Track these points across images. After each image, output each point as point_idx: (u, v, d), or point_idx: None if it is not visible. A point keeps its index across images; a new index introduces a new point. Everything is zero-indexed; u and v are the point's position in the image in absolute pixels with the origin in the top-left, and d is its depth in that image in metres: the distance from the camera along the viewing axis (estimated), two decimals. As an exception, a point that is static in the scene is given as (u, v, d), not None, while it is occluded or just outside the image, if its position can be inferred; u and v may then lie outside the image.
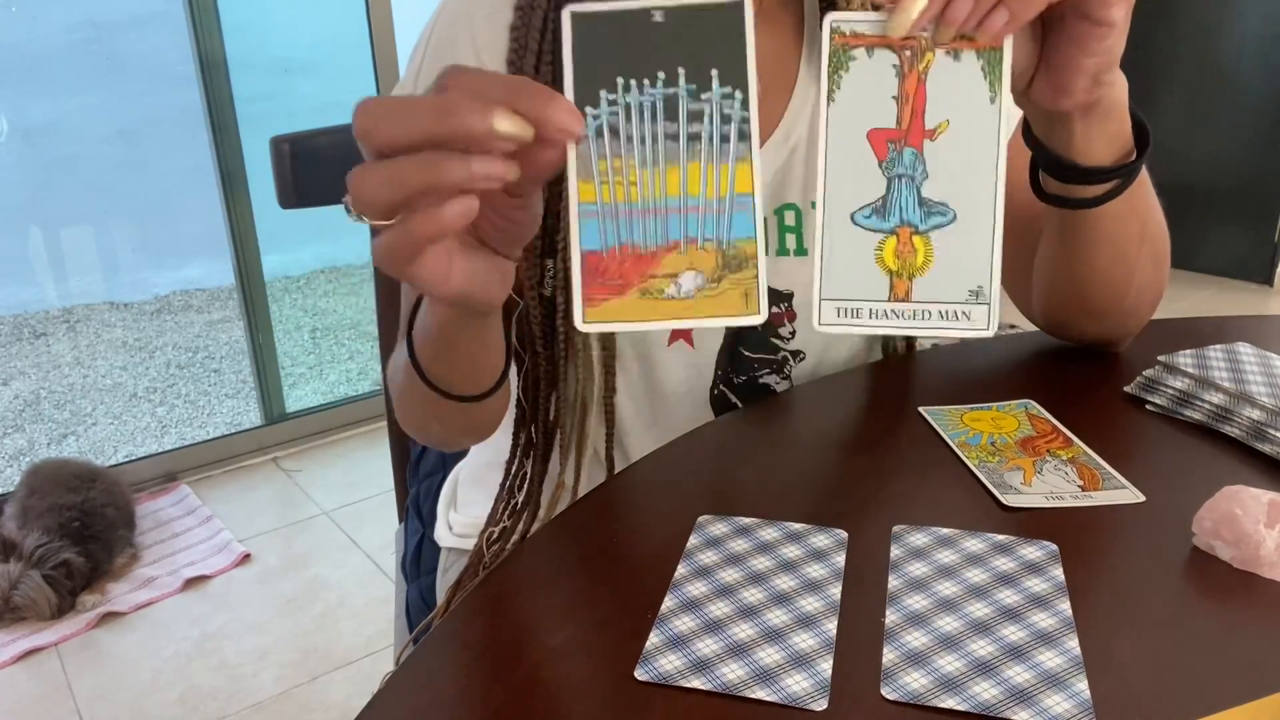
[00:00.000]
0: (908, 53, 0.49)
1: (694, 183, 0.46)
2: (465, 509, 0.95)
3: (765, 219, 0.79)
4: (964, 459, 0.66)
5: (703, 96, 0.45)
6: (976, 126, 0.49)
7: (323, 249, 3.73)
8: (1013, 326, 1.02)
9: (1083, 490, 0.62)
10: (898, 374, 0.83)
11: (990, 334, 0.49)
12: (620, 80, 0.44)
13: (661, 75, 0.45)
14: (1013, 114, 0.74)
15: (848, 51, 0.49)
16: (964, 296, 0.49)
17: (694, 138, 0.45)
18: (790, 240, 0.81)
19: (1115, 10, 0.52)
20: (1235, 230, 3.60)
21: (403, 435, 1.12)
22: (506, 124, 0.40)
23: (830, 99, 0.49)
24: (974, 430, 0.70)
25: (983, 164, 0.49)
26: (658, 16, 0.44)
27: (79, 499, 2.05)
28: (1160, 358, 0.75)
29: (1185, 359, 0.74)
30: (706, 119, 0.45)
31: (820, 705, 0.46)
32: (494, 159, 0.40)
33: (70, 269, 3.18)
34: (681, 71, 0.45)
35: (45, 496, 2.04)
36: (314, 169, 1.02)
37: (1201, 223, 3.67)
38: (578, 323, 0.46)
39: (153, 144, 3.19)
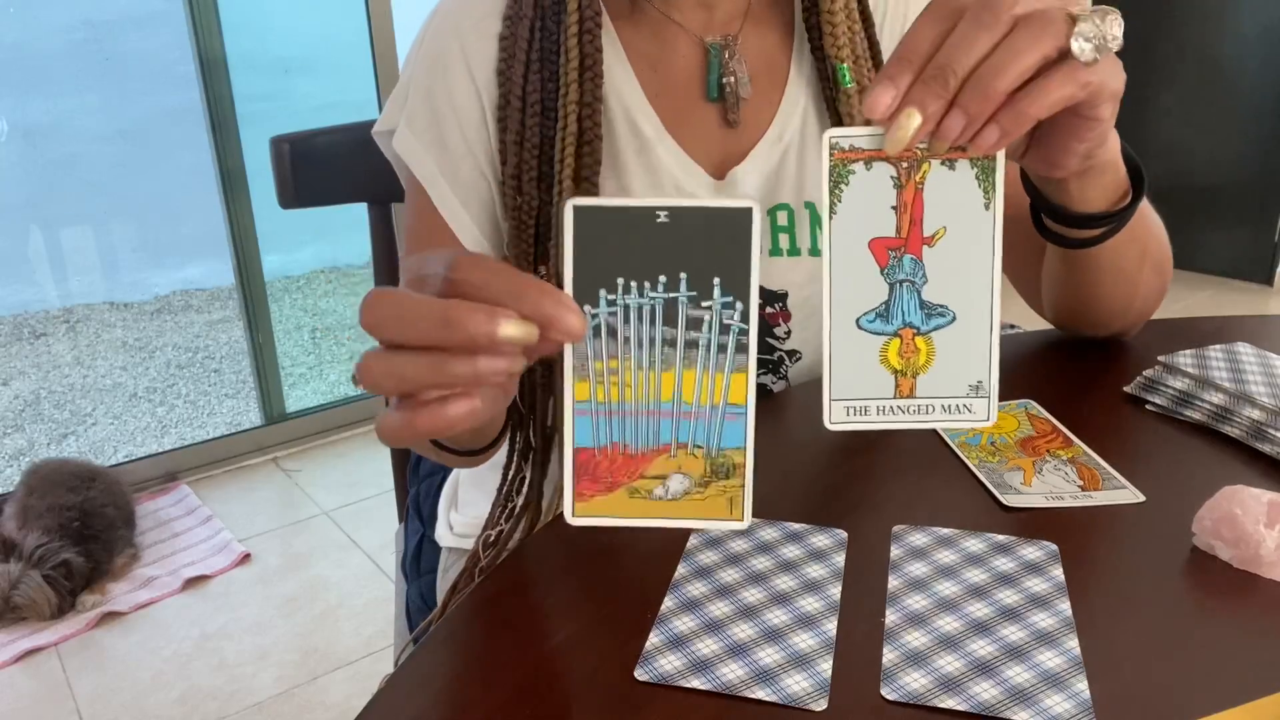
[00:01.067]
0: (904, 165, 0.50)
1: (688, 389, 0.46)
2: (466, 509, 0.95)
3: (761, 229, 0.80)
4: (964, 459, 0.66)
5: (703, 304, 0.45)
6: (972, 231, 0.50)
7: (323, 249, 3.73)
8: (1013, 326, 1.02)
9: (1083, 490, 0.62)
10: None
11: (990, 424, 0.52)
12: (620, 280, 0.45)
13: (663, 279, 0.45)
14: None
15: (847, 166, 0.50)
16: (965, 391, 0.52)
17: (691, 344, 0.45)
18: (784, 240, 0.81)
19: (1103, 110, 0.53)
20: (1235, 230, 3.60)
21: (403, 435, 1.12)
22: (512, 330, 0.40)
23: (832, 211, 0.50)
24: (974, 430, 0.70)
25: (979, 267, 0.51)
26: (662, 216, 0.44)
27: (79, 499, 2.05)
28: (1160, 358, 0.75)
29: (1185, 359, 0.74)
30: (705, 326, 0.45)
31: (820, 705, 0.46)
32: (499, 358, 0.41)
33: (70, 269, 3.18)
34: (683, 276, 0.45)
35: (45, 496, 2.04)
36: (314, 169, 1.02)
37: (1201, 223, 3.67)
38: (568, 516, 0.47)
39: (153, 144, 3.19)
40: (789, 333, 0.82)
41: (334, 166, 1.02)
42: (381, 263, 1.06)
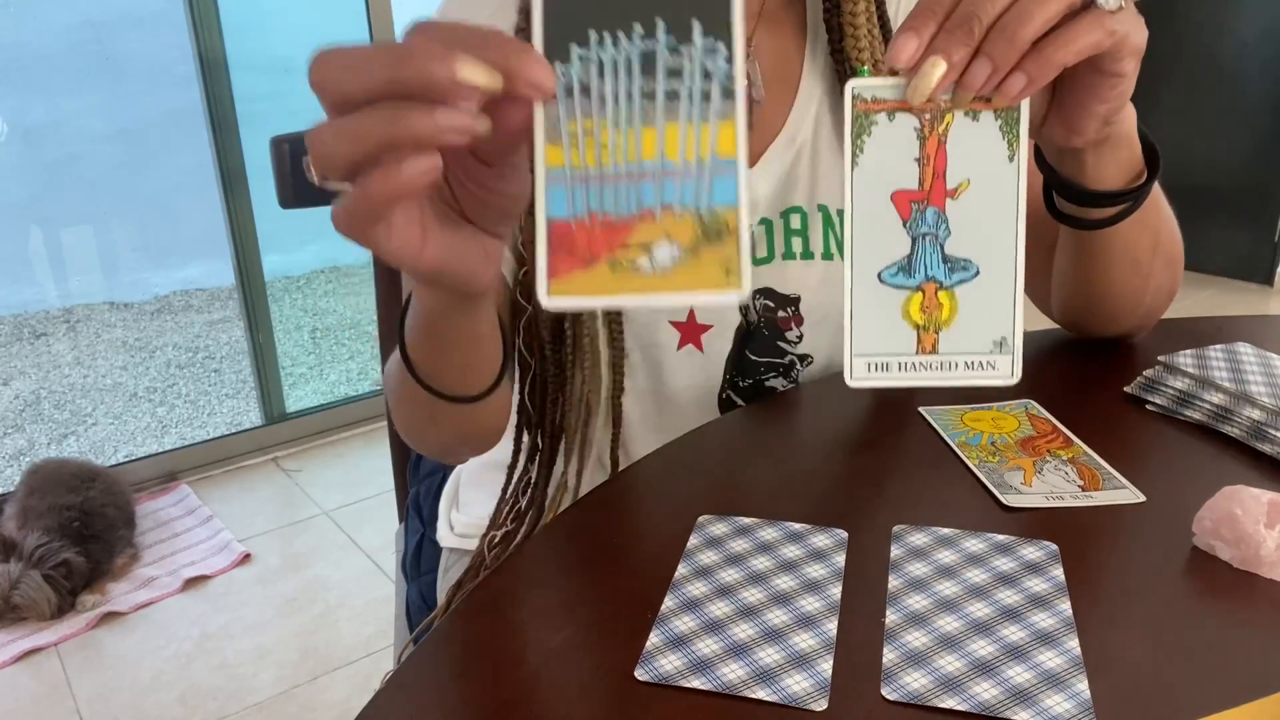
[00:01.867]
0: (928, 116, 0.49)
1: (672, 145, 0.42)
2: (467, 509, 0.95)
3: (771, 229, 0.79)
4: (964, 459, 0.66)
5: (683, 50, 0.41)
6: (996, 184, 0.50)
7: (323, 249, 3.73)
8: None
9: (1083, 490, 0.62)
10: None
11: (1014, 381, 0.49)
12: (593, 32, 0.41)
13: (638, 27, 0.41)
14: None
15: (869, 117, 0.49)
16: (989, 347, 0.50)
17: (672, 95, 0.41)
18: (797, 244, 0.81)
19: (1126, 64, 0.53)
20: (1235, 230, 3.60)
21: (403, 435, 1.12)
22: (472, 71, 0.37)
23: (854, 163, 0.49)
24: (974, 430, 0.70)
25: (1003, 220, 0.50)
26: None
27: (79, 499, 2.05)
28: (1160, 358, 0.75)
29: (1185, 359, 0.74)
30: (686, 74, 0.41)
31: (820, 705, 0.46)
32: (460, 111, 0.37)
33: (70, 269, 3.18)
34: (660, 23, 0.41)
35: (45, 496, 2.04)
36: (314, 169, 1.02)
37: (1201, 223, 3.67)
38: (541, 297, 0.42)
39: (153, 144, 3.19)
40: (801, 337, 0.82)
41: (334, 166, 1.02)
42: (381, 263, 1.06)
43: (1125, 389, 0.75)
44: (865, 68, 0.79)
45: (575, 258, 0.42)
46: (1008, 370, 0.49)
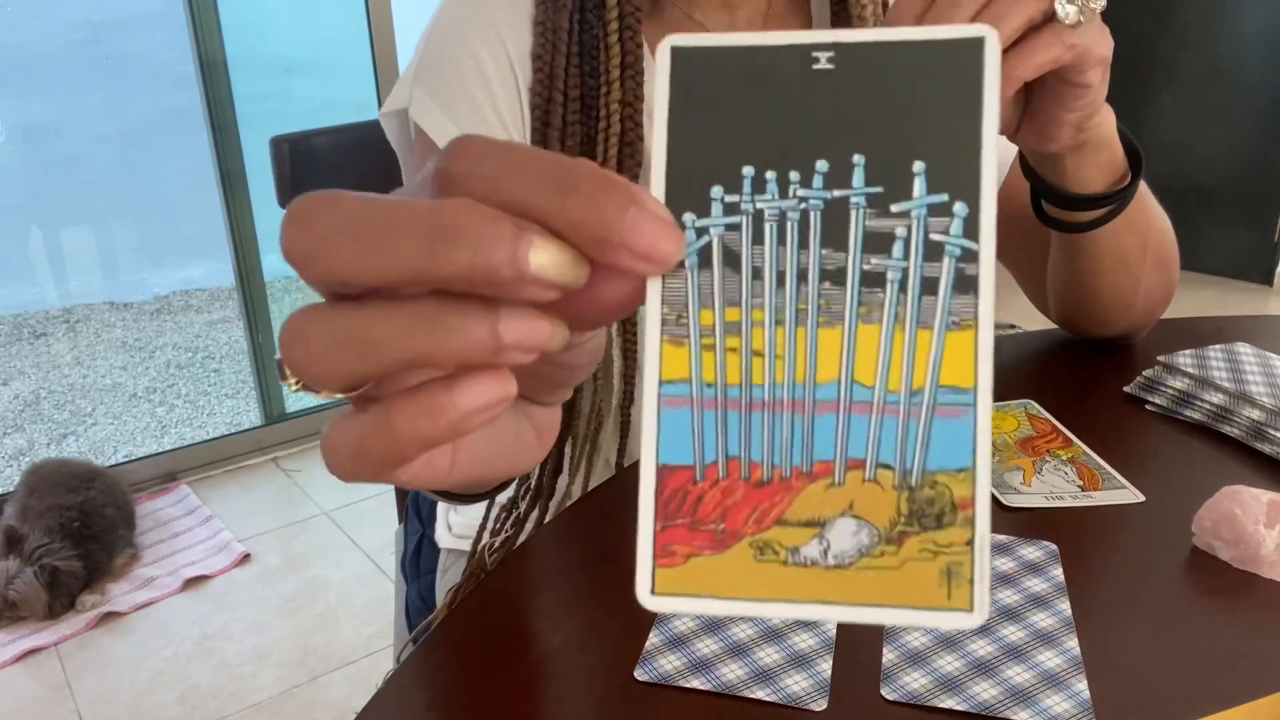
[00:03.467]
0: None
1: (866, 361, 0.25)
2: (465, 510, 0.95)
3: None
4: (964, 459, 0.66)
5: (894, 208, 0.25)
6: None
7: (323, 249, 3.72)
8: (1012, 326, 1.02)
9: (1083, 490, 0.62)
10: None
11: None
12: (747, 170, 0.25)
13: (822, 165, 0.25)
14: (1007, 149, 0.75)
15: None
16: None
17: (873, 280, 0.25)
18: None
19: (1090, 75, 0.53)
20: (1235, 230, 3.60)
21: (403, 435, 1.12)
22: (546, 257, 0.22)
23: None
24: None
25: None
26: (822, 60, 0.25)
27: (79, 499, 2.05)
28: (1160, 358, 0.75)
29: (1185, 359, 0.74)
30: (899, 244, 0.25)
31: (820, 705, 0.46)
32: (531, 316, 0.23)
33: (70, 269, 3.18)
34: (859, 161, 0.25)
35: (45, 496, 2.04)
36: (314, 169, 1.02)
37: (1201, 223, 3.67)
38: (641, 597, 0.25)
39: (153, 144, 3.19)
40: None
41: (334, 166, 1.03)
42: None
43: (1125, 389, 0.75)
44: None
45: (700, 534, 0.26)
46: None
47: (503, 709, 0.47)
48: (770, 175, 0.25)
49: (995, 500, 0.62)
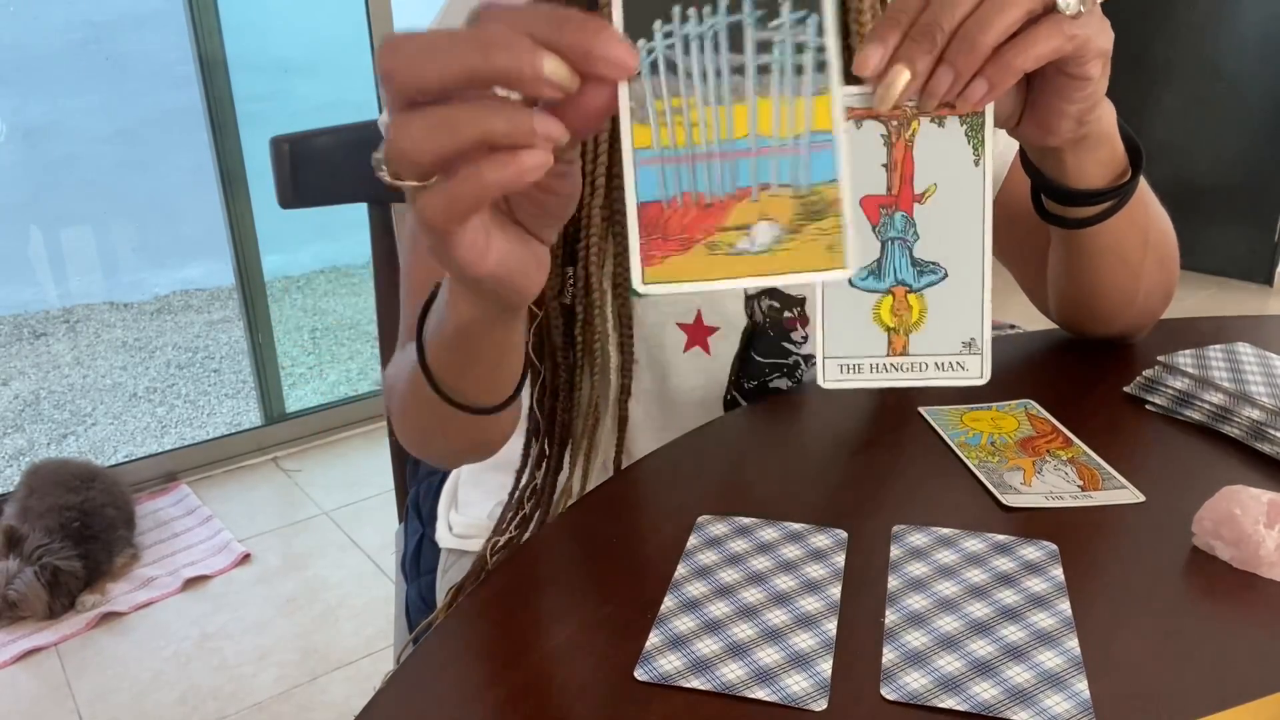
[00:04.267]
0: (894, 123, 0.51)
1: (765, 120, 0.40)
2: (466, 509, 0.95)
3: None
4: (964, 459, 0.66)
5: (772, 23, 0.39)
6: (962, 188, 0.51)
7: (323, 249, 3.73)
8: (1013, 326, 1.02)
9: (1083, 490, 0.62)
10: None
11: (984, 381, 0.51)
12: (676, 7, 0.39)
13: (724, 1, 0.39)
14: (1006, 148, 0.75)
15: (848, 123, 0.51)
16: (958, 348, 0.52)
17: (763, 70, 0.39)
18: None
19: (1091, 67, 0.53)
20: (1235, 230, 3.60)
21: (403, 435, 1.12)
22: (556, 68, 0.35)
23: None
24: (974, 430, 0.70)
25: (970, 224, 0.52)
26: None
27: (79, 499, 2.05)
28: (1160, 358, 0.75)
29: (1185, 359, 0.74)
30: (777, 48, 0.39)
31: (820, 705, 0.46)
32: (553, 120, 0.36)
33: (70, 269, 3.18)
34: None
35: (45, 496, 2.04)
36: (314, 169, 1.02)
37: (1201, 223, 3.67)
38: (637, 284, 0.41)
39: (153, 144, 3.19)
40: (806, 338, 0.82)
41: (334, 166, 1.03)
42: (382, 263, 1.06)
43: (1125, 389, 0.75)
44: None
45: (670, 242, 0.41)
46: (977, 370, 0.52)
47: (503, 709, 0.47)
48: (691, 10, 0.39)
49: (995, 500, 0.62)
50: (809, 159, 0.40)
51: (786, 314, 0.81)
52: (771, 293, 0.80)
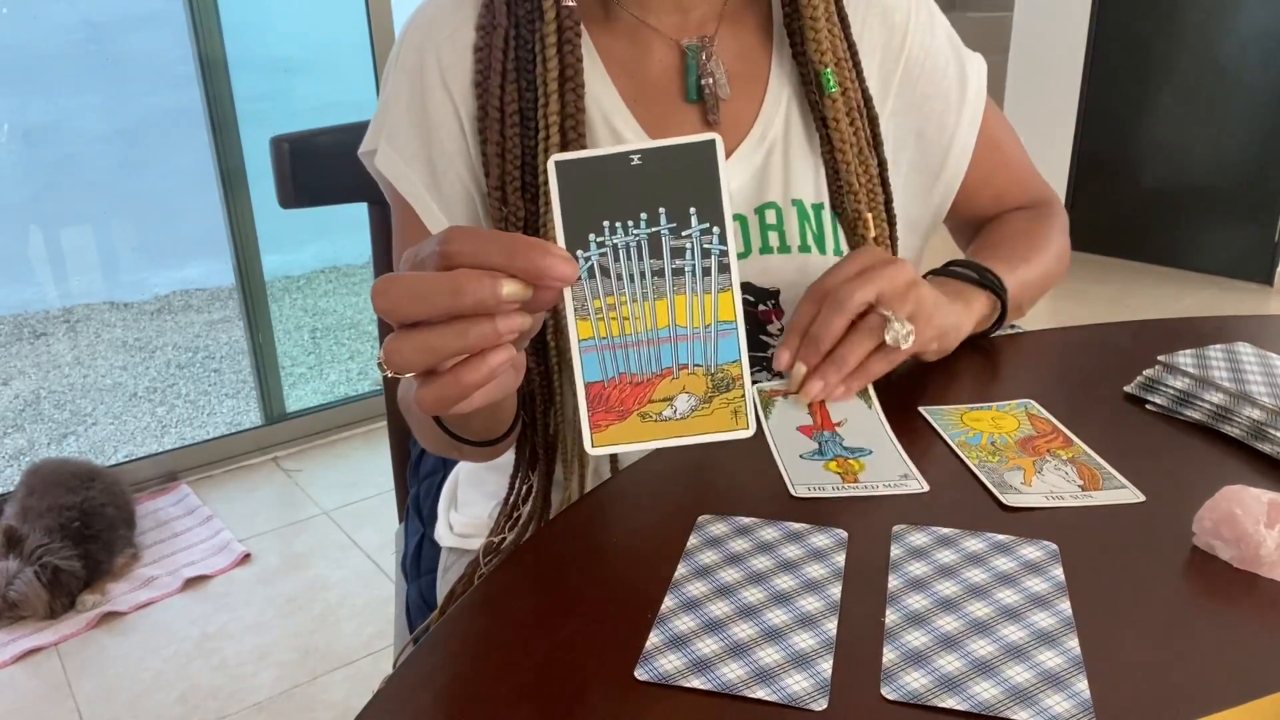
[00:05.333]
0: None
1: (681, 314, 0.51)
2: (466, 509, 0.95)
3: (746, 225, 0.83)
4: (964, 459, 0.66)
5: (683, 233, 0.49)
6: (865, 420, 0.70)
7: (323, 249, 3.73)
8: (1013, 326, 1.02)
9: (1083, 490, 0.62)
10: (896, 373, 0.83)
11: (926, 490, 0.63)
12: (606, 223, 0.49)
13: (644, 215, 0.49)
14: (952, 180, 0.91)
15: (772, 399, 0.72)
16: (898, 478, 0.64)
17: (678, 272, 0.50)
18: (774, 238, 0.81)
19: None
20: (1235, 230, 3.60)
21: (403, 435, 1.12)
22: (512, 289, 0.45)
23: (768, 416, 0.71)
24: (974, 430, 0.70)
25: (879, 437, 0.69)
26: (635, 159, 0.48)
27: (79, 499, 2.05)
28: (1160, 358, 0.75)
29: (1185, 359, 0.74)
30: (688, 254, 0.50)
31: (820, 705, 0.46)
32: (512, 316, 0.46)
33: (70, 269, 3.18)
34: (662, 211, 0.49)
35: (45, 496, 2.04)
36: (314, 169, 1.02)
37: (1201, 223, 3.67)
38: (587, 447, 0.51)
39: (153, 144, 3.19)
40: (782, 329, 0.82)
41: (334, 166, 1.03)
42: (381, 263, 1.06)
43: (1125, 389, 0.75)
44: (828, 70, 0.79)
45: (611, 413, 0.51)
46: (917, 485, 0.63)
47: (503, 709, 0.47)
48: (618, 224, 0.49)
49: (995, 499, 0.62)
50: (716, 344, 0.51)
51: (760, 307, 0.81)
52: (746, 286, 0.81)
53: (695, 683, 0.47)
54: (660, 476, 0.67)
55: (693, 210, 0.49)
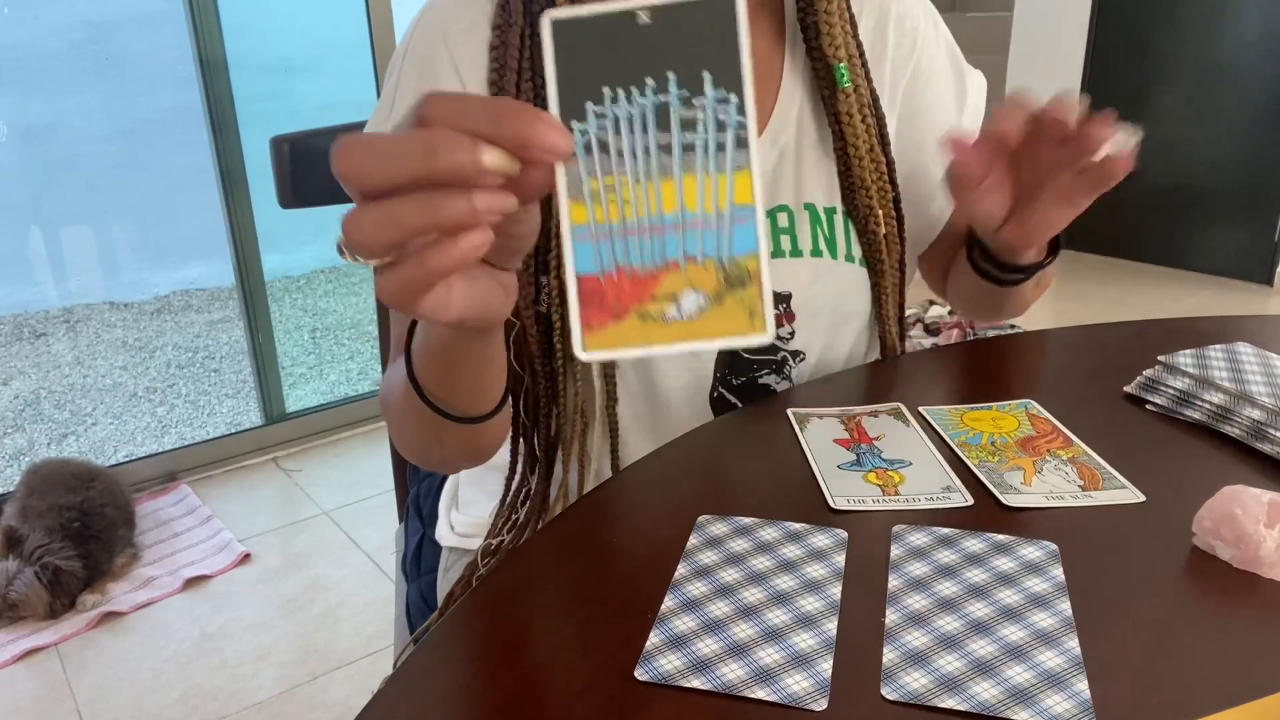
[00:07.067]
0: (851, 416, 0.73)
1: (690, 196, 0.43)
2: (467, 509, 0.95)
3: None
4: (964, 459, 0.66)
5: (695, 102, 0.42)
6: (903, 435, 0.70)
7: (323, 249, 3.73)
8: (1013, 326, 1.02)
9: (1083, 490, 0.62)
10: (897, 374, 0.83)
11: (971, 502, 0.62)
12: (607, 90, 0.42)
13: (650, 82, 0.42)
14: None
15: (807, 419, 0.73)
16: (940, 490, 0.63)
17: (688, 148, 0.43)
18: (785, 242, 0.81)
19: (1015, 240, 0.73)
20: (1235, 230, 3.60)
21: (403, 435, 1.12)
22: (494, 158, 0.39)
23: (803, 430, 0.71)
24: (974, 430, 0.70)
25: (918, 450, 0.68)
26: (643, 17, 0.41)
27: (79, 499, 2.05)
28: (1160, 358, 0.75)
29: (1185, 359, 0.74)
30: (700, 126, 0.43)
31: (820, 705, 0.46)
32: (493, 193, 0.39)
33: (70, 269, 3.18)
34: (672, 76, 0.42)
35: (45, 496, 2.04)
36: (314, 169, 1.02)
37: (1201, 223, 3.67)
38: (577, 351, 0.43)
39: (153, 144, 3.19)
40: (793, 333, 0.82)
41: (334, 166, 1.02)
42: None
43: (1125, 389, 0.75)
44: (842, 65, 0.79)
45: (606, 311, 0.43)
46: (962, 499, 0.62)
47: (503, 709, 0.47)
48: (620, 92, 0.42)
49: (995, 500, 0.62)
50: (731, 233, 0.43)
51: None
52: None
53: (695, 683, 0.47)
54: (660, 476, 0.68)
55: (707, 75, 0.42)
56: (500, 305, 0.47)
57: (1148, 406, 0.73)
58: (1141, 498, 0.61)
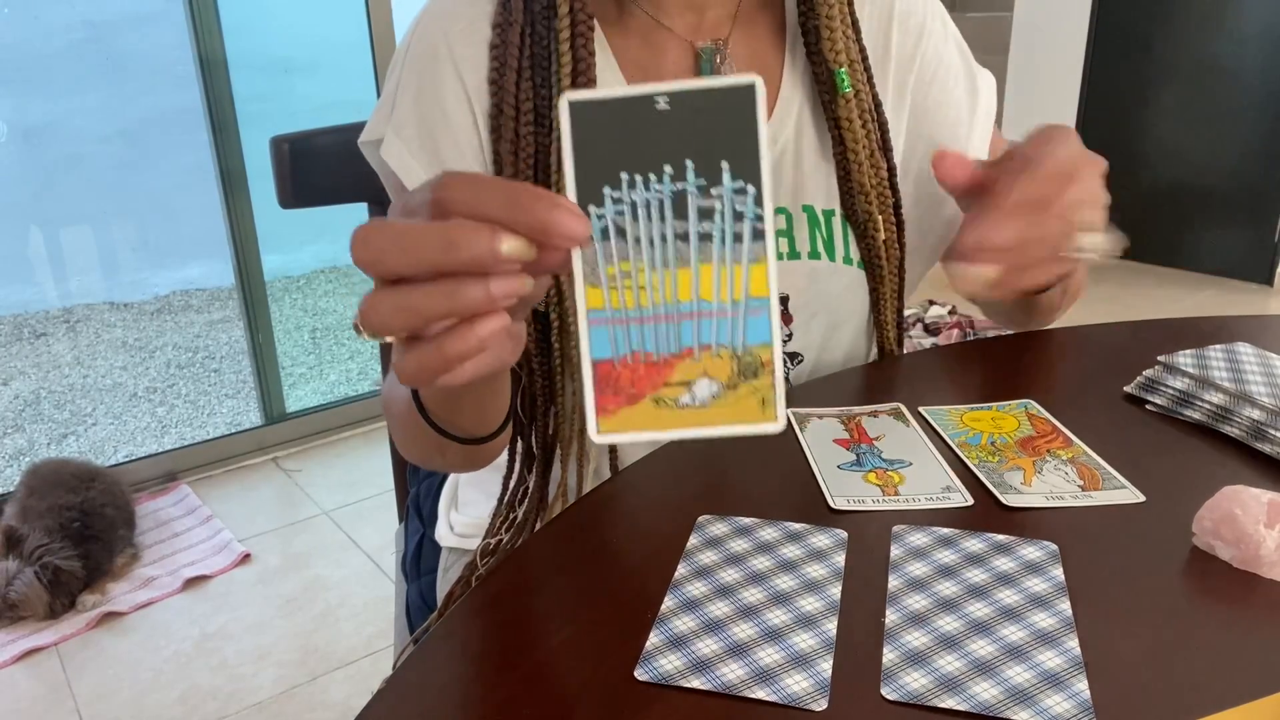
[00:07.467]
0: (850, 417, 0.72)
1: (706, 286, 0.43)
2: (467, 509, 0.95)
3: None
4: (964, 459, 0.66)
5: (713, 191, 0.42)
6: (903, 435, 0.69)
7: (323, 249, 3.73)
8: (1013, 326, 1.02)
9: (1083, 490, 0.62)
10: (897, 374, 0.83)
11: (972, 503, 0.62)
12: (624, 175, 0.42)
13: (668, 169, 0.42)
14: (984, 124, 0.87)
15: (806, 420, 0.72)
16: (940, 490, 0.63)
17: (705, 237, 0.43)
18: (783, 244, 0.81)
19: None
20: (1235, 230, 3.60)
21: (403, 435, 1.12)
22: (511, 247, 0.39)
23: (803, 430, 0.70)
24: (974, 430, 0.70)
25: (918, 450, 0.67)
26: (662, 103, 0.41)
27: (79, 499, 2.05)
28: (1160, 358, 0.75)
29: (1185, 359, 0.74)
30: (718, 216, 0.42)
31: (820, 705, 0.46)
32: (510, 278, 0.40)
33: (70, 269, 3.18)
34: (689, 164, 0.42)
35: (45, 496, 2.04)
36: (314, 169, 1.02)
37: (1201, 223, 3.67)
38: (592, 434, 0.44)
39: (153, 144, 3.19)
40: (790, 335, 0.82)
41: (334, 166, 1.02)
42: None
43: (1125, 389, 0.75)
44: (843, 70, 0.79)
45: (621, 396, 0.44)
46: (961, 499, 0.62)
47: (503, 709, 0.47)
48: (638, 178, 0.42)
49: (995, 500, 0.62)
50: (745, 323, 0.44)
51: None
52: None
53: (695, 683, 0.47)
54: (660, 476, 0.67)
55: (725, 165, 0.42)
56: (510, 356, 0.47)
57: (1148, 406, 0.73)
58: (1141, 498, 0.61)
